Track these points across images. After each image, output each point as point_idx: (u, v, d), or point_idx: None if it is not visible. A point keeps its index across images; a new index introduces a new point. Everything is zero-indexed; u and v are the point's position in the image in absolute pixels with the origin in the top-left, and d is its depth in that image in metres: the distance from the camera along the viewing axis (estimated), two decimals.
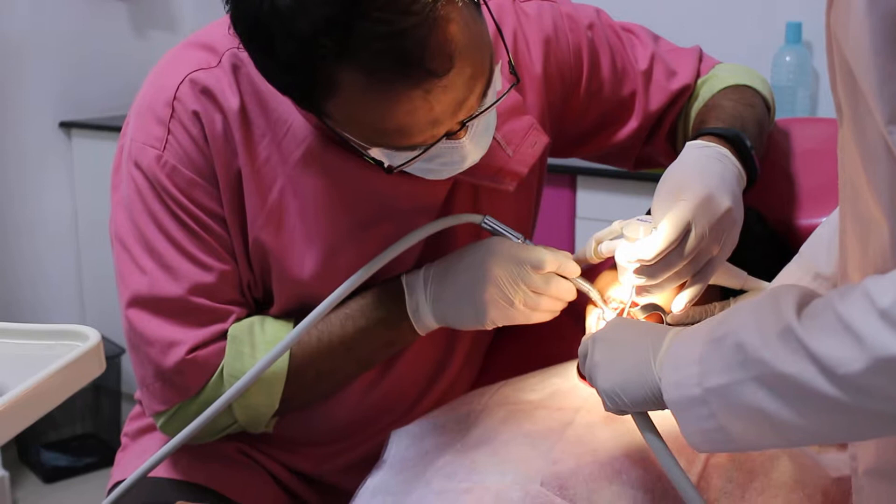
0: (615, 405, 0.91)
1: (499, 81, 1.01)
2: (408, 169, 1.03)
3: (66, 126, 3.25)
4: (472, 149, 1.03)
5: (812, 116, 2.43)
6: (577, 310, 1.15)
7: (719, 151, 1.11)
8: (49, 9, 3.17)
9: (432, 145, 0.98)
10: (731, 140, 1.13)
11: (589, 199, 2.36)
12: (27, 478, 3.02)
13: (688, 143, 1.14)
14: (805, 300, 0.74)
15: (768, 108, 1.31)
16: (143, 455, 1.26)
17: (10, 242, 3.20)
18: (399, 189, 1.12)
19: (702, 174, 1.07)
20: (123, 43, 3.34)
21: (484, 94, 0.99)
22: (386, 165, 1.02)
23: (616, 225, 1.12)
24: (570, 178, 2.36)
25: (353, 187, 1.12)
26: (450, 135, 0.99)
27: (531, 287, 1.10)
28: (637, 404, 0.90)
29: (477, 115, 1.00)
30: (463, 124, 0.99)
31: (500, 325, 1.14)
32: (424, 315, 1.14)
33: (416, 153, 0.99)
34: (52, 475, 2.99)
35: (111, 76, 3.27)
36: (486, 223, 1.12)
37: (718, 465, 1.02)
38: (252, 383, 1.09)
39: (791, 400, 0.72)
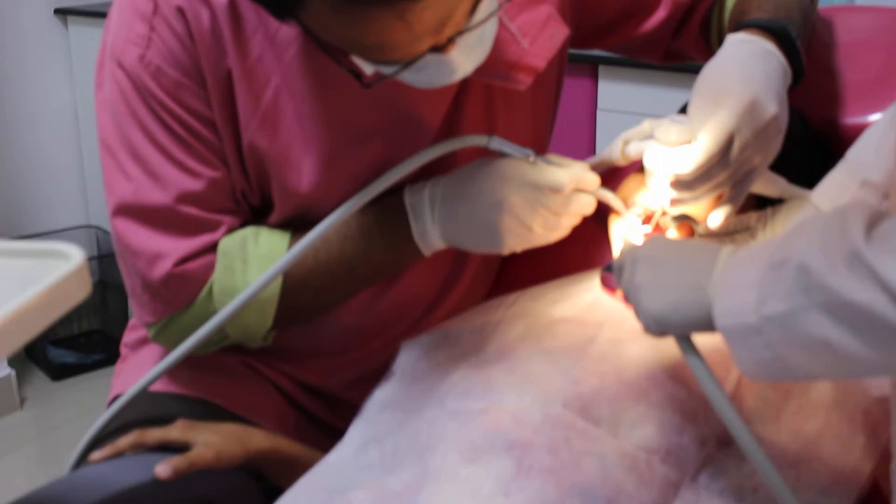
0: (661, 328, 0.85)
1: None
2: (396, 77, 0.95)
3: (62, 13, 3.17)
4: (463, 61, 0.95)
5: (856, 4, 2.31)
6: (598, 212, 1.10)
7: (764, 47, 1.02)
8: None
9: (414, 61, 0.91)
10: (776, 33, 1.04)
11: (612, 91, 2.27)
12: (35, 375, 3.03)
13: (729, 37, 1.05)
14: (874, 220, 0.67)
15: None
16: (141, 367, 1.23)
17: (9, 136, 3.15)
18: (403, 87, 1.03)
19: (746, 75, 0.98)
20: None
21: (475, 7, 0.90)
22: (370, 74, 0.95)
23: (646, 124, 1.04)
24: (591, 68, 2.27)
25: (353, 88, 1.04)
26: (437, 49, 0.91)
27: (551, 210, 1.04)
28: (685, 328, 0.84)
29: (466, 31, 0.91)
30: (451, 39, 0.91)
31: (518, 251, 1.08)
32: (432, 238, 1.09)
33: (396, 68, 0.92)
34: (59, 372, 3.00)
35: None
36: (492, 145, 1.05)
37: (751, 385, 0.98)
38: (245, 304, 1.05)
39: (859, 330, 0.66)
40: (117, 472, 1.01)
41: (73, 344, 3.11)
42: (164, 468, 1.01)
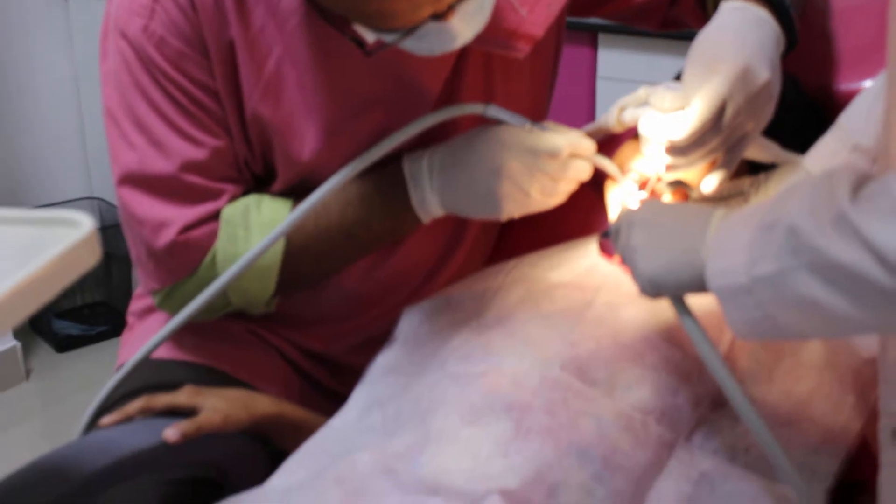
0: (655, 290, 0.87)
1: None
2: (398, 45, 0.96)
3: None
4: (462, 29, 0.96)
5: None
6: (595, 178, 1.11)
7: (757, 14, 1.03)
8: None
9: (415, 29, 0.92)
10: (770, 0, 1.05)
11: (611, 58, 2.26)
12: (40, 347, 3.04)
13: (723, 5, 1.05)
14: (860, 183, 0.68)
15: None
16: (147, 336, 1.24)
17: (11, 109, 3.14)
18: (404, 56, 1.04)
19: (739, 42, 0.99)
20: None
21: None
22: (370, 42, 0.96)
23: (641, 91, 1.05)
24: (590, 36, 2.26)
25: (354, 58, 1.05)
26: (437, 16, 0.92)
27: (549, 175, 1.05)
28: (679, 289, 0.85)
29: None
30: (451, 7, 0.92)
31: (517, 217, 1.09)
32: (431, 205, 1.11)
33: (397, 36, 0.93)
34: (64, 344, 3.01)
35: None
36: (489, 113, 1.07)
37: (744, 346, 0.99)
38: (247, 269, 1.07)
39: (845, 290, 0.67)
40: (127, 436, 1.03)
41: (77, 316, 3.11)
42: (172, 432, 1.03)
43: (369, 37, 0.96)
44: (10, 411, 2.73)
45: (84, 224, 0.79)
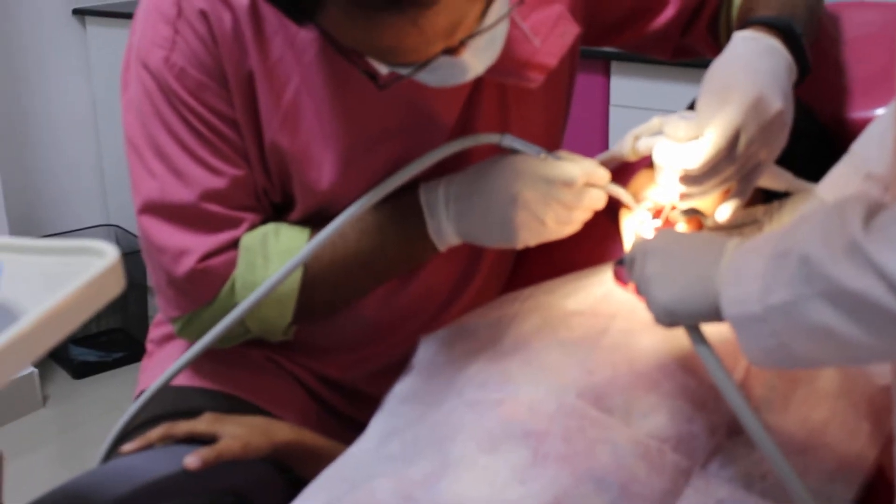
0: (670, 318, 0.87)
1: None
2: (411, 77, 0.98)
3: (80, 13, 3.19)
4: (474, 63, 0.98)
5: (864, 0, 2.31)
6: (609, 207, 1.12)
7: (769, 44, 1.04)
8: None
9: (427, 63, 0.93)
10: (782, 30, 1.06)
11: (624, 86, 2.26)
12: (57, 373, 3.04)
13: (735, 35, 1.06)
14: (873, 211, 0.69)
15: None
16: (166, 363, 1.25)
17: (28, 136, 3.17)
18: (418, 87, 1.06)
19: (751, 71, 1.00)
20: None
21: (486, 11, 0.93)
22: (384, 74, 0.98)
23: (655, 121, 1.07)
24: (603, 64, 2.26)
25: (370, 88, 1.06)
26: (449, 51, 0.93)
27: (564, 204, 1.06)
28: (694, 318, 0.86)
29: (477, 34, 0.94)
30: (462, 42, 0.93)
31: (532, 245, 1.10)
32: (447, 234, 1.11)
33: (410, 70, 0.95)
34: (81, 370, 3.02)
35: None
36: (505, 143, 1.08)
37: (759, 374, 0.99)
38: (265, 297, 1.08)
39: (858, 318, 0.68)
40: (148, 464, 1.04)
41: (94, 342, 3.12)
42: (192, 459, 1.03)
43: (382, 70, 0.98)
44: (27, 437, 2.74)
45: (109, 253, 0.81)
